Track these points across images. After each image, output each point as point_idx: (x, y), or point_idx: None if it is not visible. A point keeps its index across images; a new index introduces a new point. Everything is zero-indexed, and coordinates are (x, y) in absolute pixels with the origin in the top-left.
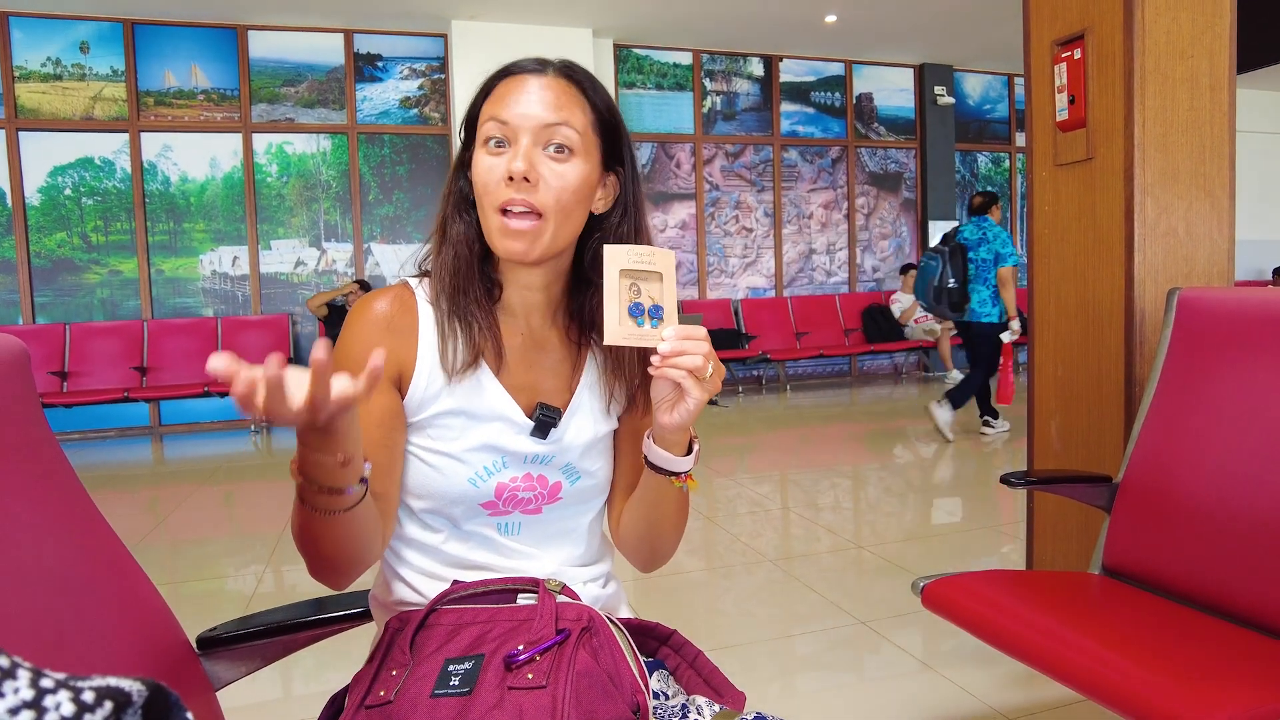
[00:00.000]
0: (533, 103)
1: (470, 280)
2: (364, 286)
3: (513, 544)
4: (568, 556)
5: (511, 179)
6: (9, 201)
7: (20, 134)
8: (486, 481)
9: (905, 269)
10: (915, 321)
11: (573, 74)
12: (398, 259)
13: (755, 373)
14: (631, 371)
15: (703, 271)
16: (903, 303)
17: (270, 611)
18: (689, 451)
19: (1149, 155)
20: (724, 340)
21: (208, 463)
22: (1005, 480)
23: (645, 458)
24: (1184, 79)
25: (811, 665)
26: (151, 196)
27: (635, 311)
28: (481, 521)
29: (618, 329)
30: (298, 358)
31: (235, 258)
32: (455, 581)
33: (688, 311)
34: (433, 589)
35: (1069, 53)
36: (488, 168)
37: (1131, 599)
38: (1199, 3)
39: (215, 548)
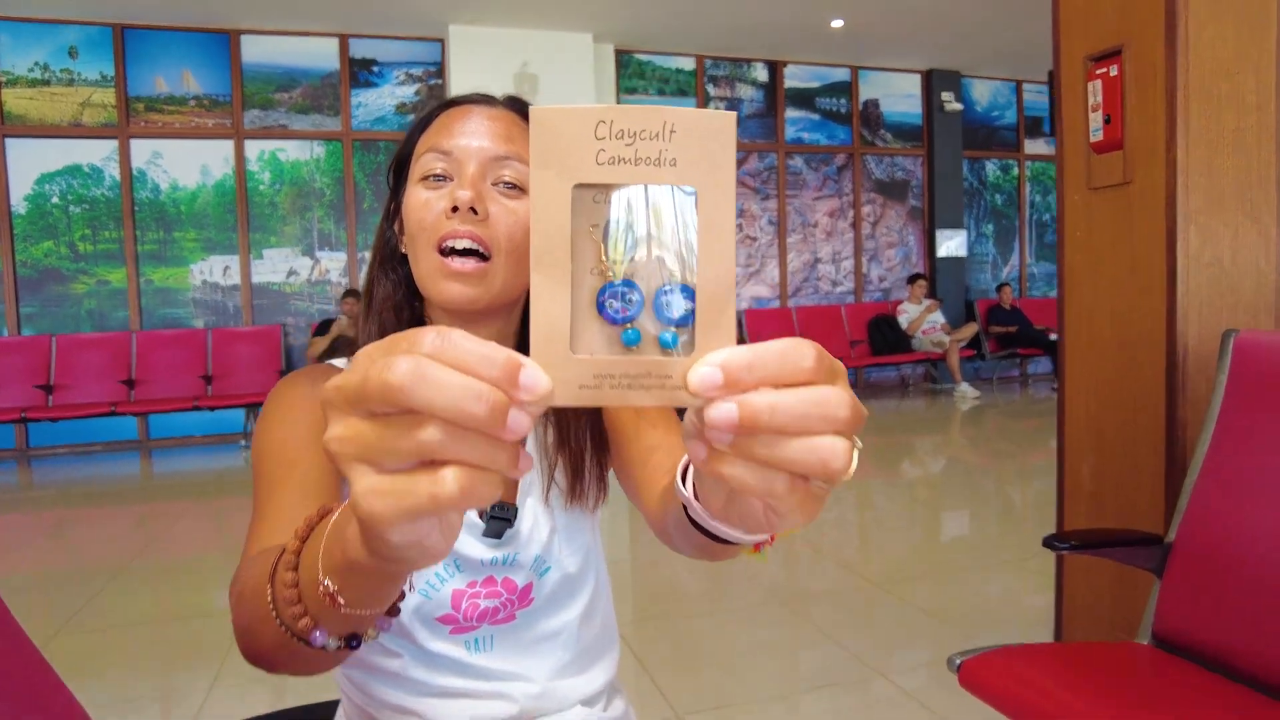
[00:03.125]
0: (480, 132)
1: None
2: (355, 295)
3: (487, 663)
4: (556, 665)
5: (456, 209)
6: None
7: (7, 140)
8: (439, 590)
9: (913, 278)
10: (923, 332)
11: (524, 109)
12: None
13: None
14: (578, 445)
15: None
16: (910, 313)
17: None
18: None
19: (1193, 179)
20: None
21: (197, 478)
22: (1048, 544)
23: (684, 509)
24: (1229, 98)
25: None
26: (141, 205)
27: (615, 308)
28: (445, 640)
29: (573, 364)
30: (289, 369)
31: (226, 267)
32: None
33: None
34: None
35: (1104, 69)
36: (423, 201)
37: (1188, 679)
38: (1245, 16)
39: (205, 566)
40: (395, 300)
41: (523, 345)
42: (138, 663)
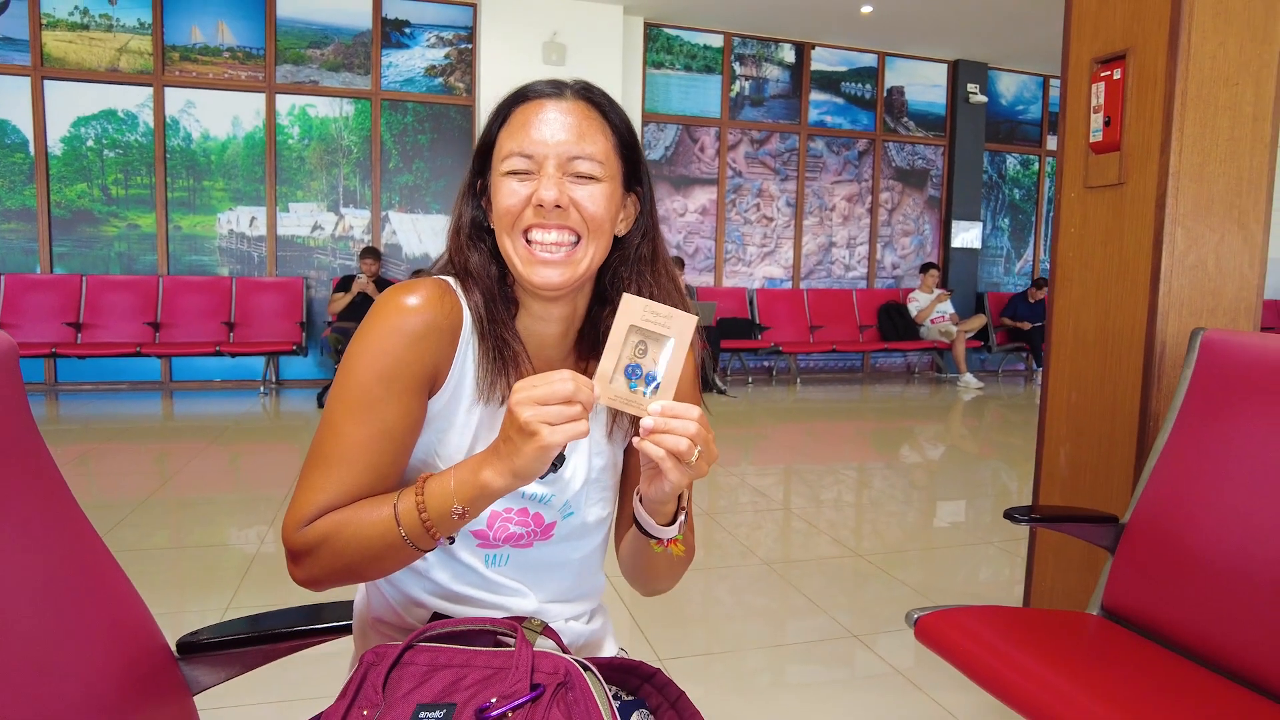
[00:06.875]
0: (555, 129)
1: (495, 302)
2: (373, 254)
3: (498, 577)
4: (554, 590)
5: (541, 206)
6: (32, 150)
7: (45, 83)
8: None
9: (925, 267)
10: (932, 322)
11: (591, 96)
12: (415, 229)
13: (766, 364)
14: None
15: (719, 259)
16: (920, 301)
17: (253, 617)
18: (674, 521)
19: (1183, 184)
20: (736, 330)
21: (216, 421)
22: (1009, 516)
23: (636, 523)
24: (1226, 107)
25: (799, 677)
26: (173, 152)
27: (631, 373)
28: (471, 551)
29: (608, 387)
30: (310, 321)
31: (253, 218)
32: (435, 615)
33: (702, 299)
34: (412, 616)
35: (1108, 72)
36: (510, 191)
37: (1130, 647)
38: (1249, 29)
39: (220, 503)
40: (485, 264)
41: (593, 302)
42: (154, 586)
